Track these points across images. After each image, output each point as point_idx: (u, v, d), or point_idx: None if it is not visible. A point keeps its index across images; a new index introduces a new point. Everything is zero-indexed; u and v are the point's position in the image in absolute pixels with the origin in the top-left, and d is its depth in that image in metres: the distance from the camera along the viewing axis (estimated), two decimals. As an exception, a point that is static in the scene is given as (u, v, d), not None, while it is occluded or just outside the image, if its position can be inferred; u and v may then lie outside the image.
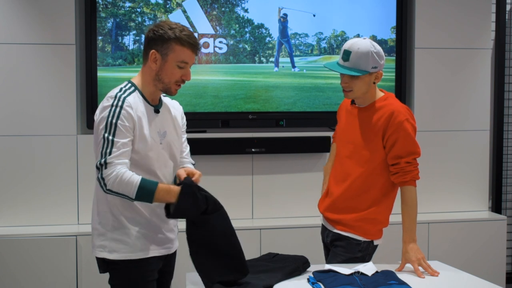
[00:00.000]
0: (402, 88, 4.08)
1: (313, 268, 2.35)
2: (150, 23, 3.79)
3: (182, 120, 2.41)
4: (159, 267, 2.27)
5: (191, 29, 2.31)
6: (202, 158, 3.81)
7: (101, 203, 2.21)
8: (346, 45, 2.41)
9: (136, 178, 2.05)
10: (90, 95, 3.73)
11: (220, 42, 3.89)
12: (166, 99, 2.37)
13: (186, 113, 2.56)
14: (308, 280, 2.21)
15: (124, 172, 2.03)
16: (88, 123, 3.75)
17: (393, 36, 4.10)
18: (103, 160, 2.04)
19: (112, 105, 2.10)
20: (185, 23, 3.84)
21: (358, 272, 2.22)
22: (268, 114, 3.96)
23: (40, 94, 3.69)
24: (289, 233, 3.78)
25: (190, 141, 2.70)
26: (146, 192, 2.05)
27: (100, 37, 3.76)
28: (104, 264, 2.21)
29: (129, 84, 2.21)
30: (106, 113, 2.09)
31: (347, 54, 2.38)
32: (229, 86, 3.93)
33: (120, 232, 2.17)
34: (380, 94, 2.51)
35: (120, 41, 3.79)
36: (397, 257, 2.48)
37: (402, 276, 2.26)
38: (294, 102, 3.99)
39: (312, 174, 3.97)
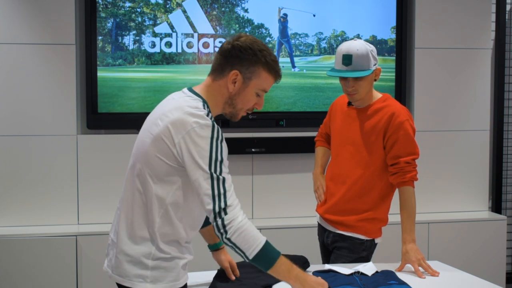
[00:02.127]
0: (402, 88, 4.08)
1: (312, 268, 2.35)
2: (150, 23, 3.79)
3: None
4: None
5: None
6: (202, 158, 3.81)
7: (148, 228, 1.86)
8: (343, 50, 2.40)
9: (261, 238, 1.78)
10: (90, 95, 3.73)
11: (220, 42, 3.89)
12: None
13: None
14: (308, 280, 2.21)
15: (249, 225, 1.76)
16: (88, 123, 3.75)
17: (393, 36, 4.09)
18: (222, 203, 1.73)
19: (212, 138, 1.79)
20: (185, 23, 3.84)
21: (358, 272, 2.22)
22: (268, 114, 3.96)
23: (40, 94, 3.69)
24: (289, 233, 3.78)
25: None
26: (266, 257, 1.78)
27: (100, 37, 3.76)
28: None
29: (203, 103, 1.87)
30: (208, 147, 1.77)
31: (348, 58, 2.38)
32: (229, 86, 3.92)
33: (166, 259, 1.86)
34: (377, 95, 2.51)
35: (120, 41, 3.79)
36: (397, 257, 2.48)
37: (402, 276, 2.26)
38: (294, 102, 3.99)
39: (312, 174, 3.97)
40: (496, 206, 4.40)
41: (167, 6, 3.83)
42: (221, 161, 1.79)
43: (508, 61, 4.47)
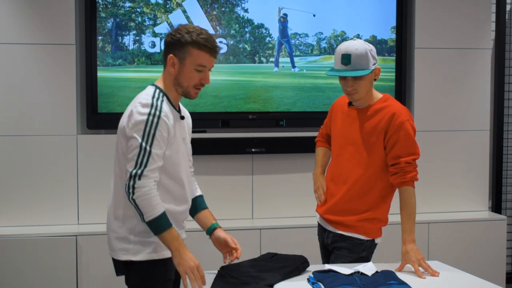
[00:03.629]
0: (402, 88, 4.08)
1: (312, 268, 2.35)
2: (150, 23, 3.79)
3: (191, 126, 2.42)
4: (175, 267, 2.24)
5: (211, 32, 2.32)
6: (202, 158, 3.81)
7: (125, 207, 2.17)
8: (342, 50, 2.40)
9: (160, 209, 2.05)
10: (90, 95, 3.73)
11: (220, 42, 3.90)
12: (181, 105, 2.35)
13: (186, 113, 2.57)
14: (308, 280, 2.21)
15: (154, 195, 2.05)
16: (88, 123, 3.75)
17: (393, 36, 4.09)
18: (139, 170, 2.03)
19: (149, 114, 2.07)
20: (185, 23, 3.84)
21: (358, 272, 2.22)
22: (268, 114, 3.96)
23: (40, 94, 3.69)
24: (289, 233, 3.78)
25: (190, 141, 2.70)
26: (158, 225, 2.06)
27: (100, 37, 3.76)
28: (122, 267, 2.20)
29: (158, 90, 2.18)
30: (143, 122, 2.06)
31: (347, 58, 2.38)
32: (229, 86, 3.93)
33: (145, 235, 2.15)
34: (378, 95, 2.51)
35: (120, 41, 3.79)
36: (397, 257, 2.48)
37: (402, 276, 2.26)
38: (294, 102, 3.99)
39: (312, 175, 3.97)
40: (496, 206, 4.40)
41: (167, 6, 3.83)
42: (153, 135, 2.06)
43: (508, 61, 4.47)
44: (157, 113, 2.08)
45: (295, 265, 2.32)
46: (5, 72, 3.65)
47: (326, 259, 2.67)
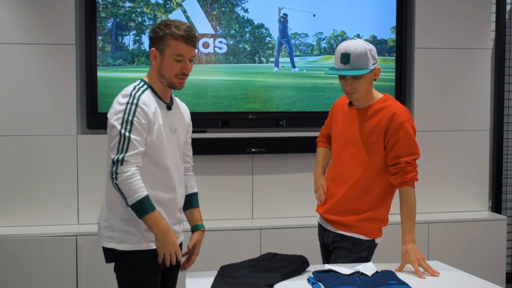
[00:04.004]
0: (402, 88, 4.08)
1: (312, 268, 2.35)
2: (150, 23, 3.79)
3: (189, 122, 2.52)
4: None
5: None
6: (202, 158, 3.81)
7: (112, 194, 2.27)
8: (342, 49, 2.41)
9: (142, 192, 2.14)
10: (90, 95, 3.73)
11: (220, 42, 3.90)
12: (177, 99, 2.49)
13: (186, 113, 2.59)
14: (308, 280, 2.21)
15: (136, 179, 2.14)
16: (88, 123, 3.75)
17: (393, 36, 4.09)
18: (121, 156, 2.14)
19: (127, 103, 2.20)
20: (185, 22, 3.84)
21: (358, 272, 2.23)
22: (268, 114, 3.96)
23: (40, 94, 3.69)
24: (289, 233, 3.78)
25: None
26: (141, 208, 2.15)
27: (100, 37, 3.75)
28: (111, 254, 2.29)
29: (142, 83, 2.32)
30: (122, 110, 2.20)
31: (346, 57, 2.38)
32: (229, 86, 3.93)
33: (129, 224, 2.24)
34: (378, 95, 2.51)
35: (120, 41, 3.79)
36: (397, 257, 2.48)
37: (402, 276, 2.26)
38: (294, 102, 3.99)
39: (312, 174, 3.97)
40: (496, 206, 4.40)
41: (167, 6, 3.83)
42: (131, 122, 2.17)
43: (508, 61, 4.47)
44: (135, 101, 2.21)
45: (295, 265, 2.33)
46: (5, 72, 3.65)
47: (326, 259, 2.67)
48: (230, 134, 3.90)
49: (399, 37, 4.08)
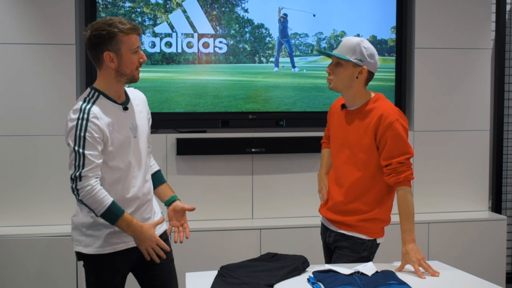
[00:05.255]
0: (402, 88, 4.08)
1: (312, 268, 2.35)
2: (151, 23, 3.79)
3: (147, 109, 2.53)
4: (134, 257, 2.40)
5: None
6: (202, 158, 3.81)
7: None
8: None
9: (107, 200, 2.20)
10: (90, 95, 3.73)
11: (220, 42, 3.90)
12: (129, 90, 2.48)
13: (186, 113, 2.60)
14: (308, 280, 2.21)
15: (98, 190, 2.19)
16: (88, 123, 3.75)
17: (393, 36, 4.09)
18: (77, 173, 2.19)
19: (78, 119, 2.20)
20: (185, 23, 3.85)
21: (358, 272, 2.22)
22: (268, 114, 3.96)
23: (40, 94, 3.69)
24: (289, 233, 3.78)
25: (190, 141, 2.70)
26: (110, 216, 2.22)
27: (100, 37, 3.75)
28: (79, 254, 2.39)
29: (92, 91, 2.31)
30: (74, 127, 2.20)
31: (338, 43, 2.50)
32: (229, 86, 3.93)
33: (95, 229, 2.32)
34: (370, 95, 2.52)
35: (120, 41, 3.79)
36: (397, 257, 2.48)
37: (402, 276, 2.26)
38: (294, 102, 4.00)
39: (312, 174, 3.97)
40: (496, 206, 4.40)
41: (167, 6, 3.83)
42: (84, 138, 2.18)
43: (508, 61, 4.47)
44: (85, 116, 2.20)
45: (295, 265, 2.32)
46: (5, 72, 3.65)
47: (328, 259, 2.67)
48: (230, 134, 3.90)
49: (399, 37, 4.08)
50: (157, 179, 2.57)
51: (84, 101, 2.26)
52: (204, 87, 3.89)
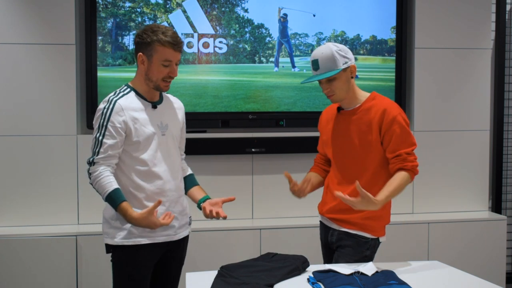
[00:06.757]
0: (402, 88, 4.08)
1: (312, 268, 2.35)
2: (151, 23, 3.79)
3: (182, 117, 2.60)
4: (158, 253, 2.44)
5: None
6: (202, 158, 3.81)
7: None
8: (311, 57, 2.49)
9: (109, 187, 2.31)
10: (90, 95, 3.73)
11: (220, 42, 3.90)
12: (169, 96, 2.59)
13: (186, 113, 2.61)
14: (308, 280, 2.21)
15: (104, 176, 2.31)
16: (88, 123, 3.75)
17: (393, 36, 4.09)
18: (92, 158, 2.34)
19: (104, 108, 2.36)
20: (185, 23, 3.84)
21: (358, 272, 2.23)
22: (268, 114, 3.96)
23: (40, 94, 3.69)
24: (289, 233, 3.78)
25: (190, 141, 2.70)
26: (111, 202, 2.32)
27: (100, 37, 3.76)
28: (107, 246, 2.45)
29: (125, 87, 2.45)
30: (100, 116, 2.35)
31: (315, 64, 2.47)
32: (229, 86, 3.93)
33: (120, 221, 2.37)
34: (365, 94, 2.54)
35: (120, 41, 3.79)
36: (397, 257, 2.48)
37: (402, 276, 2.26)
38: (294, 102, 4.00)
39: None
40: (496, 206, 4.40)
41: (167, 6, 3.83)
42: (105, 127, 2.33)
43: (508, 61, 4.47)
44: (111, 106, 2.35)
45: (295, 265, 2.33)
46: (5, 72, 3.65)
47: (327, 259, 2.67)
48: (230, 134, 3.90)
49: (399, 37, 4.08)
50: (190, 181, 2.66)
51: (115, 94, 2.40)
52: (204, 87, 3.89)
